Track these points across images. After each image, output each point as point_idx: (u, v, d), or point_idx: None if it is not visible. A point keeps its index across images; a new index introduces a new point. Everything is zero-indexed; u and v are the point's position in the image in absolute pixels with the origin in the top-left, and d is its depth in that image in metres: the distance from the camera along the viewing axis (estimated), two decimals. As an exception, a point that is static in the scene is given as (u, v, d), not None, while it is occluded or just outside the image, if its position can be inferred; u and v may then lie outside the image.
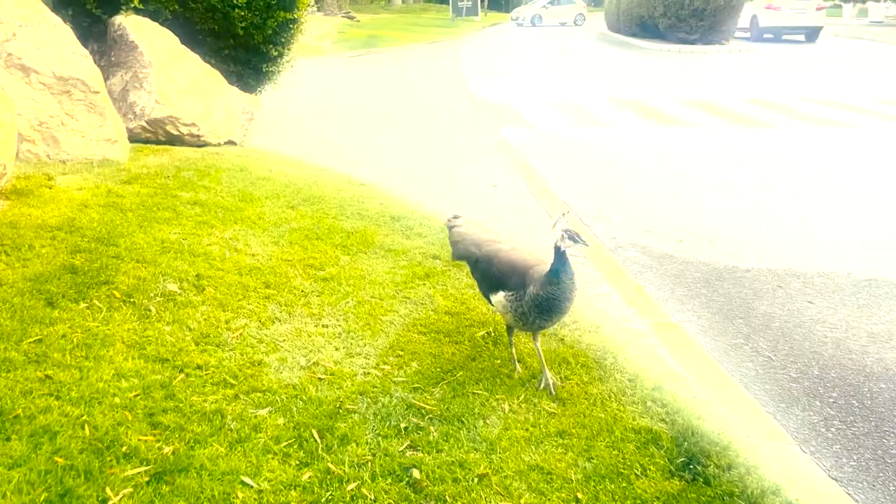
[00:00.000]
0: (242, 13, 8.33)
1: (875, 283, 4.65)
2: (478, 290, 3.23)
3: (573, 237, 2.57)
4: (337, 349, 3.00)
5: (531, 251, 2.98)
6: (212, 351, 2.84)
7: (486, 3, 50.56)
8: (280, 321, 3.19)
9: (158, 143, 7.14)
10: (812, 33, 25.85)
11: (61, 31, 5.96)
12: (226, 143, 7.64)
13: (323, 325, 3.20)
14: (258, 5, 8.45)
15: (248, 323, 3.11)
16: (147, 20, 7.58)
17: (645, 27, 25.70)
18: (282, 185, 5.72)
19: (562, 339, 3.36)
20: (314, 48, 23.57)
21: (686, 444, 2.55)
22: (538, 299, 2.63)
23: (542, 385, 2.87)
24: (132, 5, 7.49)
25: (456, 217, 3.31)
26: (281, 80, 9.86)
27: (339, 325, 3.22)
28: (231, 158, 6.64)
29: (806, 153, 8.56)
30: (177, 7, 8.03)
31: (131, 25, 7.36)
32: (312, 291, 3.54)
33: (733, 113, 11.31)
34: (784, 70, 18.25)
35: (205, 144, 7.37)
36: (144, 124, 7.07)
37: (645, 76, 17.08)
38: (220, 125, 7.64)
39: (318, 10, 36.72)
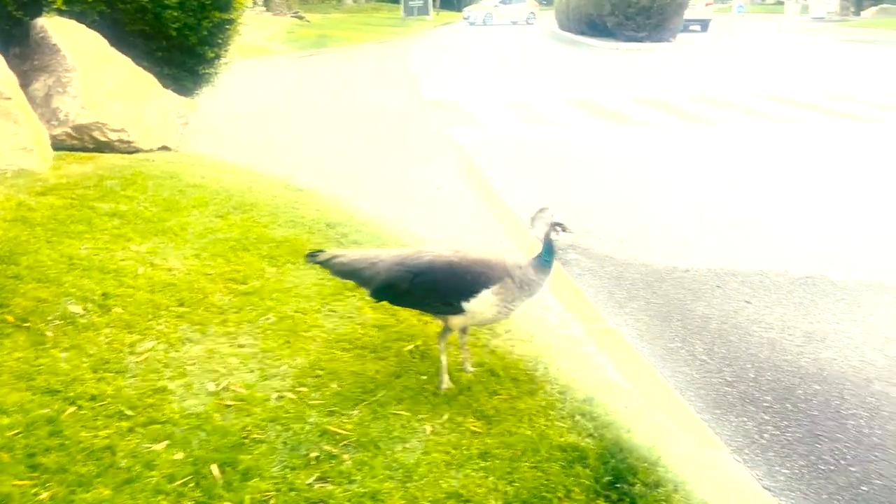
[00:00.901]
0: (175, 14, 8.03)
1: (812, 280, 4.65)
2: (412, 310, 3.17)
3: (563, 228, 2.77)
4: (251, 371, 2.82)
5: (475, 249, 3.01)
6: (110, 379, 2.64)
7: (437, 2, 50.40)
8: (191, 342, 2.99)
9: (86, 150, 6.82)
10: (704, 24, 30.96)
11: (-29, 35, 5.61)
12: (159, 148, 7.35)
13: (238, 345, 3.01)
14: (191, 6, 8.15)
15: (155, 345, 2.91)
16: (72, 22, 7.24)
17: (594, 25, 25.88)
18: (213, 192, 5.49)
19: (493, 351, 3.24)
20: (262, 49, 23.14)
21: (613, 461, 2.44)
22: (530, 284, 2.78)
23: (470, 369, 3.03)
24: (55, 7, 7.14)
25: (319, 252, 2.95)
26: (222, 82, 9.57)
27: (257, 344, 3.03)
28: (162, 165, 6.37)
29: (749, 149, 8.63)
30: (104, 8, 7.70)
31: (54, 28, 7.01)
32: (231, 308, 3.35)
33: (680, 110, 11.39)
34: (731, 66, 18.52)
35: (136, 151, 7.07)
36: (69, 130, 6.74)
37: (593, 74, 17.16)
38: (152, 130, 7.34)
39: (267, 9, 36.13)
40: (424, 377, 2.92)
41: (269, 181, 6.36)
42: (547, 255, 2.80)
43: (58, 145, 6.60)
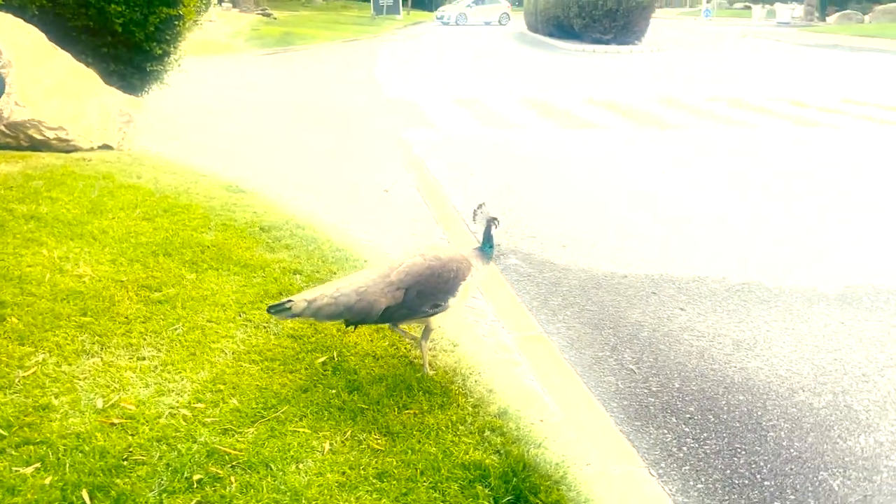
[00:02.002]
0: (119, 9, 7.84)
1: (748, 287, 4.63)
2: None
3: (498, 223, 3.11)
4: (146, 386, 2.68)
5: (434, 248, 3.27)
6: (-11, 396, 2.49)
7: (409, 1, 50.32)
8: (88, 355, 2.85)
9: (20, 148, 6.61)
10: None
11: None
12: (100, 147, 7.15)
13: (139, 358, 2.87)
14: (138, 0, 7.97)
15: (46, 358, 2.75)
16: (9, 16, 7.03)
17: (561, 27, 25.98)
18: (145, 193, 5.33)
19: (411, 363, 3.14)
20: (225, 46, 22.85)
21: (515, 479, 2.36)
22: (479, 272, 3.06)
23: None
24: (-10, -1, 6.92)
25: (287, 303, 2.75)
26: (177, 79, 9.37)
27: (159, 357, 2.90)
28: (97, 165, 6.18)
29: (703, 154, 8.65)
30: (45, 2, 7.49)
31: (-11, 22, 6.77)
32: (138, 317, 3.21)
33: (638, 113, 11.41)
34: (693, 70, 18.68)
35: (75, 149, 6.87)
36: (2, 128, 6.53)
37: (556, 76, 17.17)
38: (93, 129, 7.14)
39: (233, 6, 35.70)
40: (333, 391, 2.81)
41: (210, 182, 6.19)
42: (489, 247, 3.09)
43: (-9, 143, 6.39)
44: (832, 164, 8.24)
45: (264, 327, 3.30)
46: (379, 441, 2.53)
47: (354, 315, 2.77)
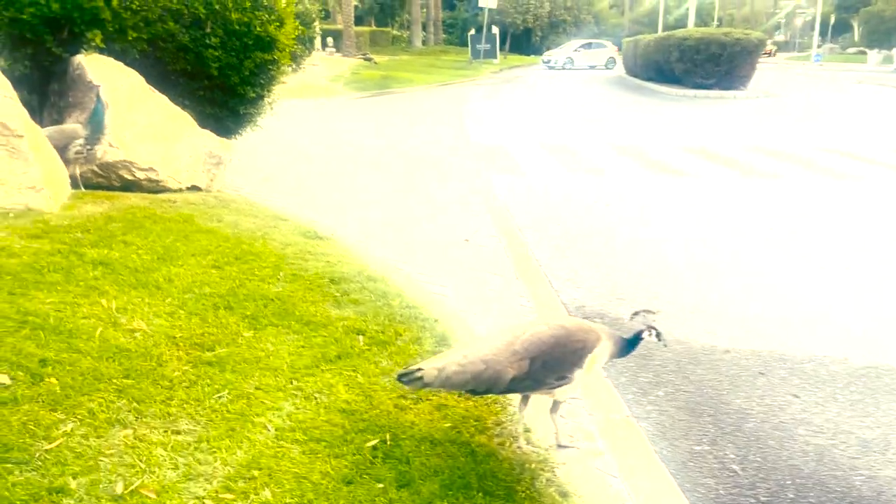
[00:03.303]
0: (216, 53, 8.00)
1: (875, 371, 3.97)
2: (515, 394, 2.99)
3: (659, 335, 2.84)
4: (175, 467, 2.41)
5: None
6: (5, 473, 2.27)
7: (507, 46, 50.88)
8: (121, 425, 2.61)
9: (112, 188, 6.73)
10: None
11: (-14, 72, 5.59)
12: (188, 188, 7.23)
13: (174, 431, 2.62)
14: (234, 46, 8.13)
15: (74, 428, 2.53)
16: (110, 59, 7.26)
17: (661, 72, 25.33)
18: (221, 238, 5.22)
19: (472, 452, 2.75)
20: (325, 89, 23.54)
21: None
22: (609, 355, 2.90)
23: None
24: (93, 44, 7.17)
25: (416, 371, 2.61)
26: (273, 122, 9.50)
27: (195, 431, 2.63)
28: (181, 207, 6.18)
29: (817, 210, 7.89)
30: (146, 46, 7.71)
31: (91, 65, 7.01)
32: (183, 381, 2.97)
33: (740, 163, 10.69)
34: (804, 117, 17.61)
35: (164, 190, 6.96)
36: (95, 168, 6.68)
37: (654, 122, 16.56)
38: (182, 170, 7.23)
39: (337, 50, 37.05)
40: (380, 485, 2.45)
41: (289, 227, 6.08)
42: (631, 346, 2.90)
43: (85, 183, 6.54)
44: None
45: (315, 398, 3.00)
46: (424, 557, 2.14)
47: (481, 384, 2.68)
